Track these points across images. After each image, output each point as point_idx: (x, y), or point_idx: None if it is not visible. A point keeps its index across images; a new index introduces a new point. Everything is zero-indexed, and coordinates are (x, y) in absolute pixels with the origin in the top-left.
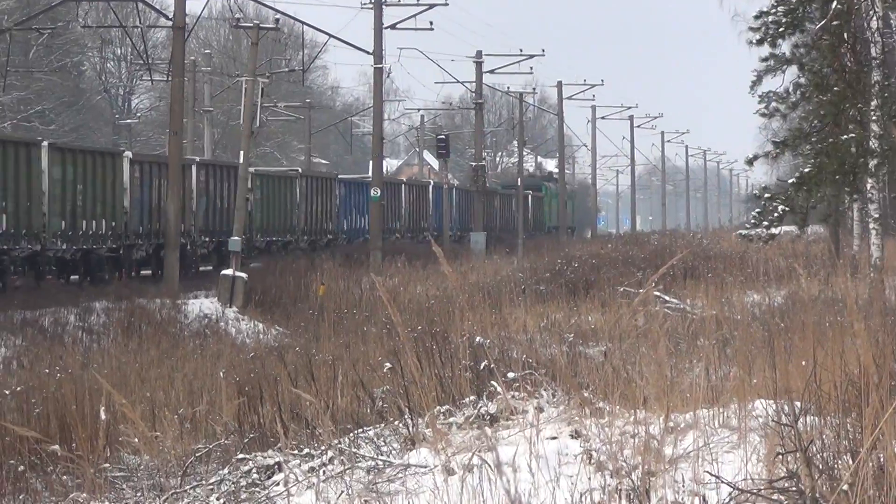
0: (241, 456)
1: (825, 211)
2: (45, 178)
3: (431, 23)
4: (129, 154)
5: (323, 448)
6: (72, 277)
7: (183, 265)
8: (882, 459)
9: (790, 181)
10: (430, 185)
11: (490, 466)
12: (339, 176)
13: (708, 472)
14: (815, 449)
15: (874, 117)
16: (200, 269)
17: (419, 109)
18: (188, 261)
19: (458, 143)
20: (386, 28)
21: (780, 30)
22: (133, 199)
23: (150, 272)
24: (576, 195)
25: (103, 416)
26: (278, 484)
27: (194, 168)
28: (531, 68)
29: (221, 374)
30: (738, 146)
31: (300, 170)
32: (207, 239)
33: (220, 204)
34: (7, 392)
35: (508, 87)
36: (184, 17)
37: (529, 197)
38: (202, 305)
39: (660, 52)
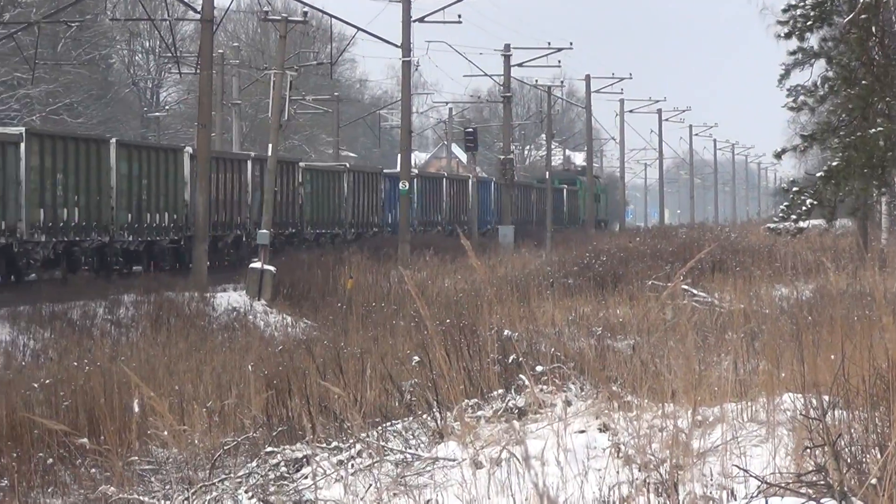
0: (269, 449)
1: (853, 204)
2: (113, 174)
3: (459, 16)
4: (189, 149)
5: (351, 441)
6: (135, 268)
7: (237, 256)
8: None
9: (818, 175)
10: (469, 179)
11: (518, 460)
12: (384, 171)
13: (736, 465)
14: (843, 443)
15: None
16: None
17: (447, 103)
18: (243, 252)
19: (486, 137)
20: (414, 21)
21: (808, 23)
22: (193, 193)
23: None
24: (608, 189)
25: (136, 409)
26: (306, 477)
27: (249, 163)
28: (559, 61)
29: (250, 367)
30: (766, 140)
31: (348, 164)
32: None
33: (275, 198)
34: (36, 385)
35: (537, 81)
36: (212, 9)
37: (565, 191)
38: (230, 298)
39: (688, 46)
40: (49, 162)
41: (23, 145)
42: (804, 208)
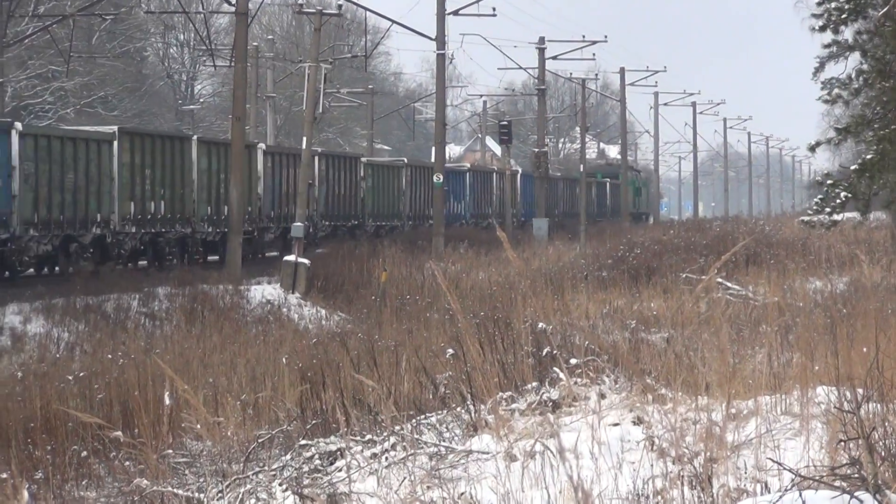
0: (303, 442)
1: (888, 197)
2: (194, 169)
3: (494, 9)
4: (262, 146)
5: (385, 434)
6: (210, 258)
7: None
8: None
9: (852, 168)
10: (518, 174)
11: (552, 453)
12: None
13: (770, 458)
14: (877, 436)
15: None
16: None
17: (482, 95)
18: (308, 241)
19: (520, 129)
20: (449, 14)
21: (843, 16)
22: (266, 187)
23: (276, 253)
24: (649, 182)
25: (168, 402)
26: (340, 470)
27: (316, 159)
28: (594, 54)
29: (284, 359)
30: (800, 132)
31: (406, 159)
32: (327, 223)
33: (337, 191)
34: (70, 377)
35: (571, 74)
36: (247, 2)
37: (608, 184)
38: (265, 291)
39: (722, 39)
40: (138, 158)
41: (115, 143)
42: (838, 201)
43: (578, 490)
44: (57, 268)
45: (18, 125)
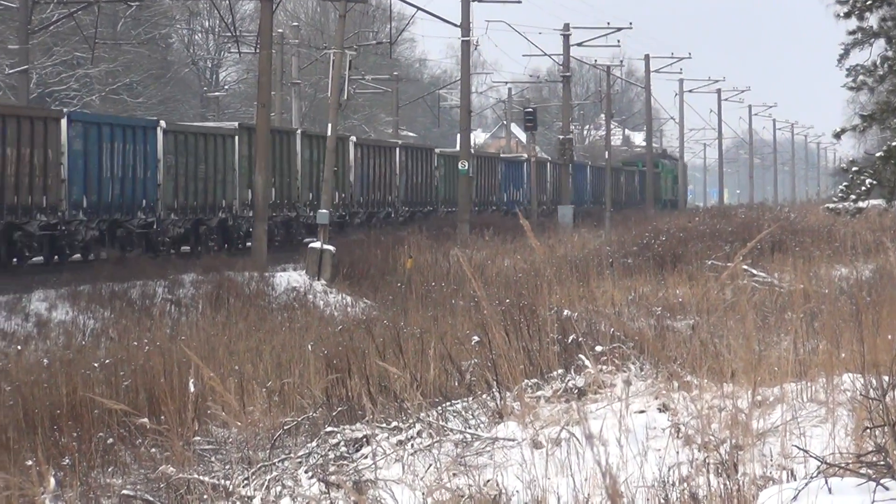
0: (329, 429)
1: None
2: (298, 159)
3: None
4: (353, 138)
5: (411, 421)
6: (306, 240)
7: (386, 229)
8: None
9: (878, 154)
10: (569, 164)
11: (578, 440)
12: (501, 155)
13: (796, 445)
14: None
15: None
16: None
17: (506, 82)
18: (391, 225)
19: (545, 116)
20: (473, 0)
21: (868, 3)
22: (356, 175)
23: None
24: (683, 169)
25: (192, 389)
26: (366, 457)
27: (398, 150)
28: (618, 41)
29: (309, 347)
30: (825, 119)
31: (472, 150)
32: (406, 209)
33: (416, 180)
34: (96, 364)
35: (596, 60)
36: None
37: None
38: (290, 278)
39: (747, 25)
40: (254, 150)
41: (236, 138)
42: (864, 188)
43: (606, 476)
44: (187, 247)
45: (163, 123)
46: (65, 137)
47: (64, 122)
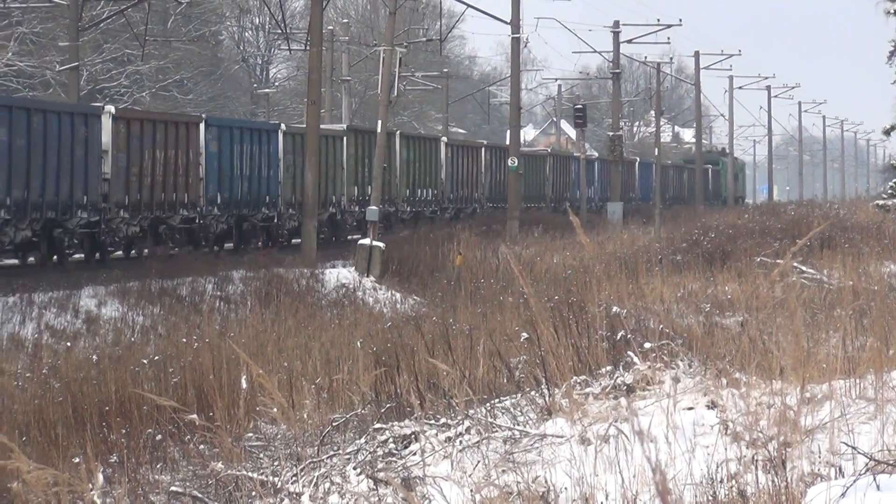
0: (377, 426)
1: None
2: (397, 158)
3: None
4: (444, 139)
5: (459, 418)
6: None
7: (473, 223)
8: None
9: None
10: (636, 162)
11: (626, 437)
12: (573, 154)
13: (844, 442)
14: None
15: None
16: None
17: (556, 79)
18: (477, 220)
19: (594, 113)
20: None
21: None
22: (447, 173)
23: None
24: (745, 167)
25: (244, 385)
26: (415, 454)
27: (483, 150)
28: (668, 38)
29: (358, 343)
30: (875, 116)
31: (549, 149)
32: (490, 205)
33: (498, 177)
34: (145, 361)
35: (646, 57)
36: None
37: (709, 170)
38: (339, 275)
39: (797, 22)
40: (361, 151)
41: (344, 139)
42: None
43: (656, 472)
44: (298, 240)
45: (283, 126)
46: (202, 140)
47: (202, 126)
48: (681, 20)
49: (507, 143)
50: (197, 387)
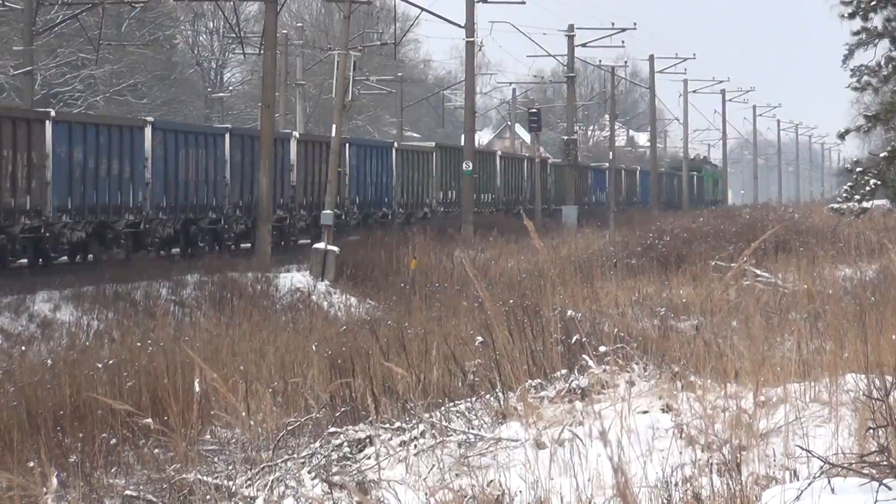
0: (332, 430)
1: None
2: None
3: None
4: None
5: (414, 422)
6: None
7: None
8: None
9: (882, 155)
10: (637, 170)
11: (581, 440)
12: (591, 164)
13: (799, 446)
14: None
15: None
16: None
17: (511, 83)
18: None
19: (549, 117)
20: (478, 2)
21: (872, 3)
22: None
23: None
24: (721, 173)
25: (198, 389)
26: (369, 457)
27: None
28: (623, 42)
29: (313, 347)
30: (829, 120)
31: (549, 154)
32: (504, 209)
33: (511, 181)
34: (99, 365)
35: (600, 61)
36: None
37: (694, 177)
38: (294, 279)
39: (751, 26)
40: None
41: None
42: (868, 188)
43: (619, 472)
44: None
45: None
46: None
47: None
48: (635, 24)
49: (462, 145)
50: (151, 391)
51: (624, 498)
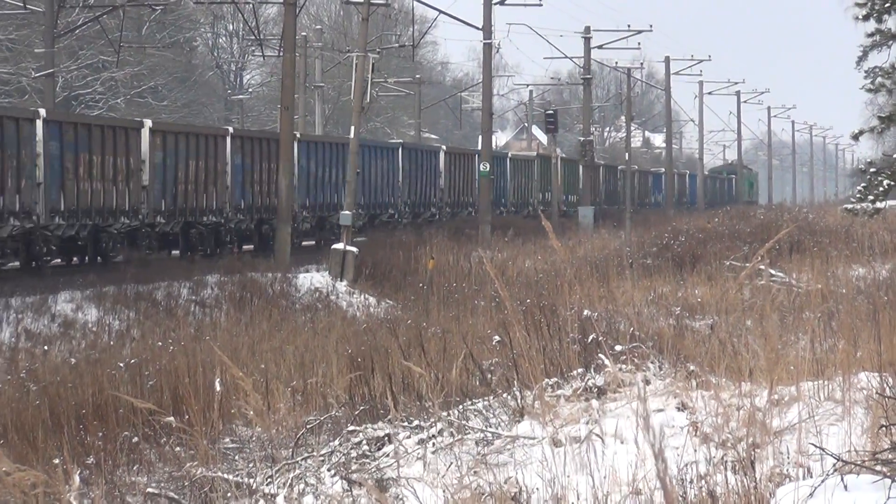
0: (351, 428)
1: None
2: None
3: None
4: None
5: (432, 420)
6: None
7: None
8: None
9: (895, 156)
10: (687, 174)
11: (600, 438)
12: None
13: (812, 443)
14: None
15: None
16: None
17: (528, 85)
18: (529, 222)
19: (565, 118)
20: (495, 4)
21: (886, 5)
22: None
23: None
24: (756, 176)
25: (218, 388)
26: (388, 455)
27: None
28: (639, 43)
29: (333, 344)
30: (844, 121)
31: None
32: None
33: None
34: (121, 364)
35: (616, 63)
36: None
37: (733, 179)
38: (313, 279)
39: (767, 28)
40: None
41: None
42: (881, 189)
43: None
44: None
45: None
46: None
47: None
48: (651, 26)
49: (479, 147)
50: (172, 390)
51: (664, 483)
